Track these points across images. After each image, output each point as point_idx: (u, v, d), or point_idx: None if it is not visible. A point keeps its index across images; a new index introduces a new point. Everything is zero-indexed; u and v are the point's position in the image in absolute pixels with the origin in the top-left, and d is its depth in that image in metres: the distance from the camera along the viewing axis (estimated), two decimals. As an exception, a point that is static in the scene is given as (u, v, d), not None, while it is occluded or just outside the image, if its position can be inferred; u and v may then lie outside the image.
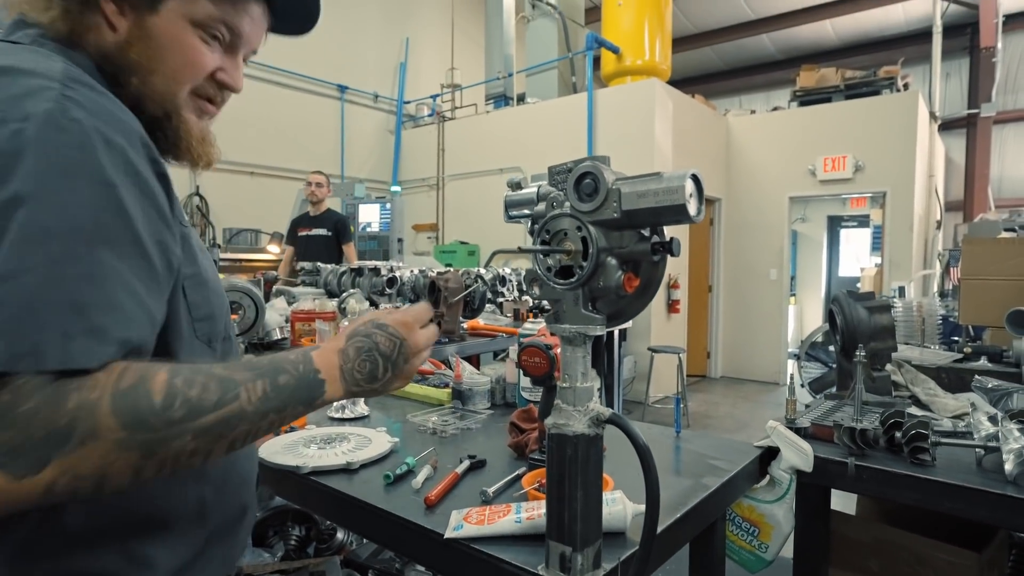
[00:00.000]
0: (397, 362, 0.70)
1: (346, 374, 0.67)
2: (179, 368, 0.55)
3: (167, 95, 0.69)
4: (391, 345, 0.70)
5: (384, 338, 0.70)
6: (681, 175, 0.61)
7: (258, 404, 0.58)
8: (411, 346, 0.72)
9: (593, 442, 0.70)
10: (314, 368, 0.64)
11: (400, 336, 0.71)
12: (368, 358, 0.68)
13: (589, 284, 0.69)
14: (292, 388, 0.61)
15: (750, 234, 7.72)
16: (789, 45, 10.75)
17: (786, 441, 1.19)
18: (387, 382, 0.70)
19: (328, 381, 0.65)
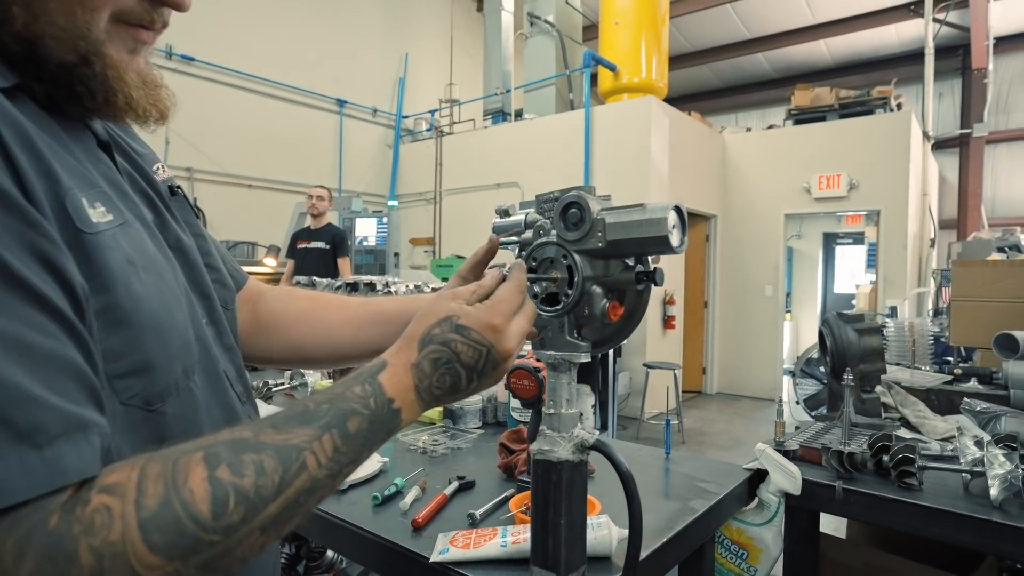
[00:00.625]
0: (484, 371, 0.58)
1: (423, 392, 0.55)
2: (214, 449, 0.42)
3: (75, 29, 0.48)
4: (475, 355, 0.57)
5: (466, 346, 0.57)
6: (664, 207, 0.62)
7: (330, 465, 0.47)
8: (500, 352, 0.58)
9: (577, 468, 0.70)
10: (387, 398, 0.53)
11: (486, 343, 0.57)
12: (448, 371, 0.56)
13: (575, 312, 0.70)
14: (366, 432, 0.50)
15: (746, 250, 7.76)
16: (784, 64, 10.89)
17: (774, 464, 1.19)
18: (470, 392, 0.59)
19: (404, 408, 0.54)
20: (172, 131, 6.11)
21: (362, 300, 0.88)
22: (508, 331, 0.59)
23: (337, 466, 0.48)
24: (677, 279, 6.95)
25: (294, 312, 0.86)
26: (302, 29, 7.59)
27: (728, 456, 5.36)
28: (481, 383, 0.59)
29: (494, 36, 8.20)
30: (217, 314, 0.67)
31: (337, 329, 0.85)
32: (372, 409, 0.52)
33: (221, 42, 6.65)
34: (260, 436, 0.44)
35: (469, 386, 0.58)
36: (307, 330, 0.85)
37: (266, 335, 0.85)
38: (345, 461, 0.49)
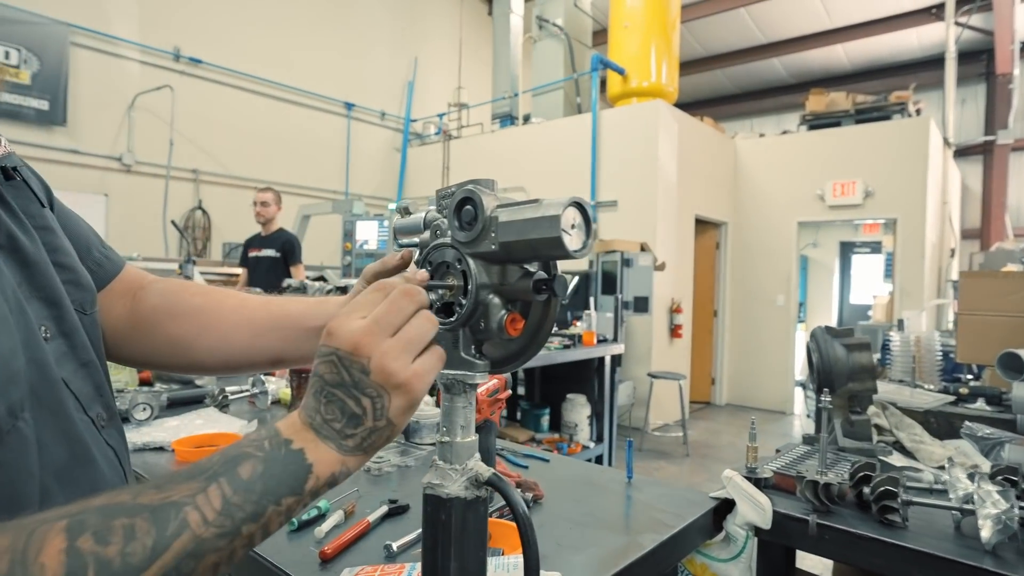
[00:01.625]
0: (359, 385, 0.47)
1: (322, 429, 0.47)
2: (81, 517, 0.36)
3: None
4: (330, 368, 0.48)
5: (321, 362, 0.49)
6: (559, 202, 0.52)
7: (220, 522, 0.40)
8: (354, 354, 0.47)
9: (472, 507, 0.60)
10: (283, 439, 0.46)
11: (330, 348, 0.48)
12: (327, 397, 0.48)
13: (470, 325, 0.60)
14: (262, 478, 0.43)
15: (757, 259, 7.59)
16: (801, 69, 10.70)
17: (742, 493, 1.08)
18: (377, 414, 0.48)
19: (308, 449, 0.46)
20: (177, 132, 6.13)
21: (264, 300, 0.76)
22: (359, 326, 0.49)
23: (230, 522, 0.40)
24: (685, 287, 6.80)
25: (182, 308, 0.74)
26: (312, 32, 7.59)
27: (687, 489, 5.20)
28: (376, 403, 0.48)
29: (503, 39, 8.15)
30: (69, 324, 0.57)
31: (232, 331, 0.73)
32: (267, 451, 0.45)
33: (229, 44, 6.67)
34: (139, 498, 0.39)
35: (363, 409, 0.48)
36: (195, 328, 0.73)
37: (146, 332, 0.73)
38: (241, 516, 0.41)
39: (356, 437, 0.48)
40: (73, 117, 5.54)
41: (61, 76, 5.41)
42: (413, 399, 0.49)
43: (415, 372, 0.49)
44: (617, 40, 6.95)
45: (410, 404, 0.49)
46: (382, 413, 0.48)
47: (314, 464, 0.46)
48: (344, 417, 0.48)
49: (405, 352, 0.49)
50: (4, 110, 5.13)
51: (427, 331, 0.52)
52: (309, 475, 0.46)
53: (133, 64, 5.97)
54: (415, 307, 0.52)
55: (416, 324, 0.51)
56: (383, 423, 0.48)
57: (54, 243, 0.60)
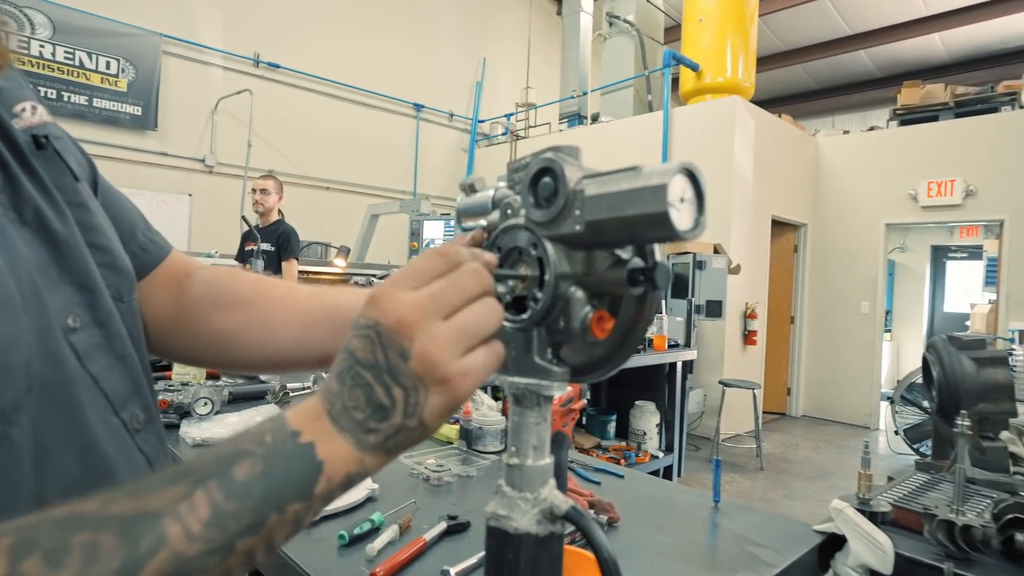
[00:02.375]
0: (393, 369, 0.38)
1: (339, 418, 0.39)
2: (31, 533, 0.30)
3: None
4: (365, 344, 0.39)
5: (357, 337, 0.40)
6: (667, 169, 0.41)
7: (207, 536, 0.32)
8: (397, 329, 0.38)
9: (545, 545, 0.50)
10: (290, 431, 0.38)
11: (371, 321, 0.39)
12: (354, 379, 0.39)
13: (546, 323, 0.49)
14: (262, 479, 0.35)
15: (839, 262, 7.10)
16: (890, 61, 9.98)
17: (856, 530, 0.92)
18: (408, 410, 0.38)
19: (319, 442, 0.38)
20: (255, 134, 6.37)
21: (314, 290, 0.67)
22: (409, 299, 0.39)
23: (222, 536, 0.33)
24: (760, 291, 6.45)
25: (228, 298, 0.66)
26: (383, 36, 7.73)
27: (813, 488, 4.85)
28: (410, 393, 0.38)
29: (572, 38, 8.02)
30: (104, 312, 0.51)
31: (280, 323, 0.65)
32: (268, 446, 0.37)
33: (305, 50, 6.88)
34: (109, 507, 0.32)
35: (393, 399, 0.38)
36: (241, 320, 0.65)
37: (189, 324, 0.66)
38: (236, 528, 0.33)
39: (380, 433, 0.39)
40: (163, 121, 5.85)
41: (153, 83, 5.74)
42: (454, 400, 0.40)
43: (463, 368, 0.39)
44: (691, 35, 6.69)
45: (450, 406, 0.40)
46: (414, 411, 0.39)
47: (326, 462, 0.38)
48: (369, 407, 0.39)
49: (457, 342, 0.39)
50: (104, 116, 5.48)
51: (488, 322, 0.42)
52: (319, 475, 0.37)
53: (217, 70, 6.25)
54: (480, 290, 0.42)
55: (477, 311, 0.41)
56: (414, 423, 0.39)
57: (89, 221, 0.53)
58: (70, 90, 5.28)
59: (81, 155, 0.60)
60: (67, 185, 0.53)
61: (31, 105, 0.53)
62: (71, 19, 5.24)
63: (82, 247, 0.50)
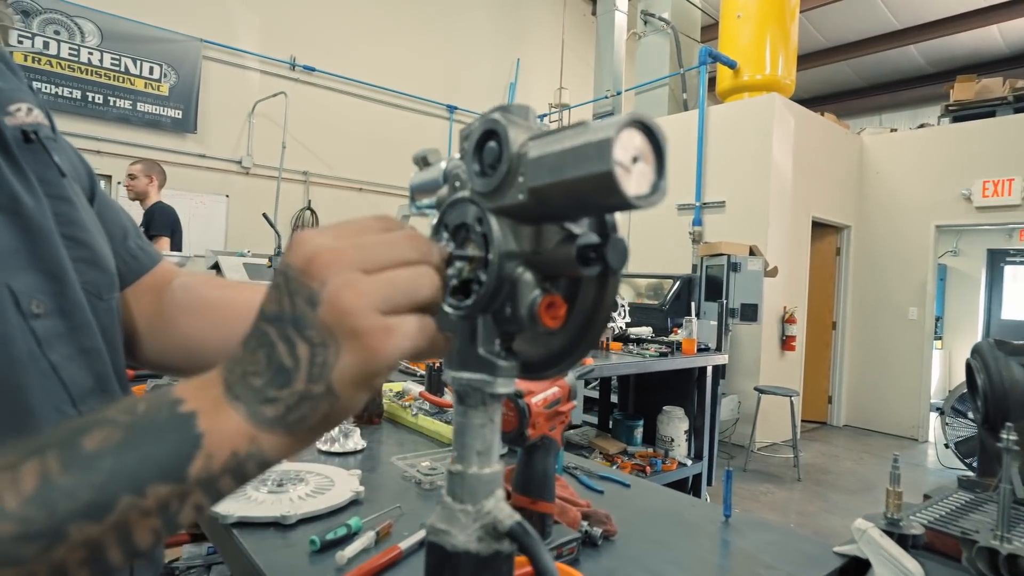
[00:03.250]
0: (301, 318, 0.32)
1: (237, 386, 0.33)
2: None
3: None
4: (274, 292, 0.33)
5: (268, 289, 0.34)
6: (613, 122, 0.34)
7: (26, 515, 0.27)
8: (307, 267, 0.32)
9: (488, 566, 0.43)
10: (172, 399, 0.32)
11: (283, 264, 0.34)
12: (258, 339, 0.33)
13: (491, 310, 0.43)
14: (118, 453, 0.29)
15: (885, 266, 6.79)
16: (943, 56, 9.51)
17: (881, 553, 0.82)
18: (314, 371, 0.32)
19: (202, 412, 0.32)
20: (289, 135, 6.48)
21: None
22: (325, 242, 0.33)
23: (46, 516, 0.26)
24: (800, 294, 6.21)
25: (197, 302, 0.65)
26: (417, 38, 7.78)
27: (854, 502, 4.61)
28: (322, 359, 0.31)
29: (606, 37, 7.91)
30: (71, 302, 0.50)
31: (243, 326, 0.63)
32: (137, 415, 0.31)
33: (339, 53, 6.97)
34: None
35: (300, 362, 0.32)
36: (205, 325, 0.64)
37: (162, 331, 0.65)
38: (69, 508, 0.27)
39: (279, 403, 0.32)
40: (202, 124, 6.01)
41: (194, 87, 5.90)
42: (370, 363, 0.32)
43: (385, 325, 0.32)
44: (729, 32, 6.51)
45: (364, 370, 0.32)
46: (321, 372, 0.32)
47: (206, 435, 0.31)
48: (270, 370, 0.32)
49: (379, 295, 0.32)
50: (147, 119, 5.66)
51: (422, 287, 0.36)
52: (196, 451, 0.31)
53: (254, 74, 6.39)
54: (415, 256, 0.36)
55: (408, 273, 0.35)
56: (320, 388, 0.32)
57: (70, 215, 0.54)
58: (116, 95, 5.47)
59: (79, 161, 0.62)
60: (51, 179, 0.53)
61: (27, 107, 0.54)
62: (118, 27, 5.43)
63: (54, 237, 0.50)
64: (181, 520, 0.31)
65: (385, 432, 1.47)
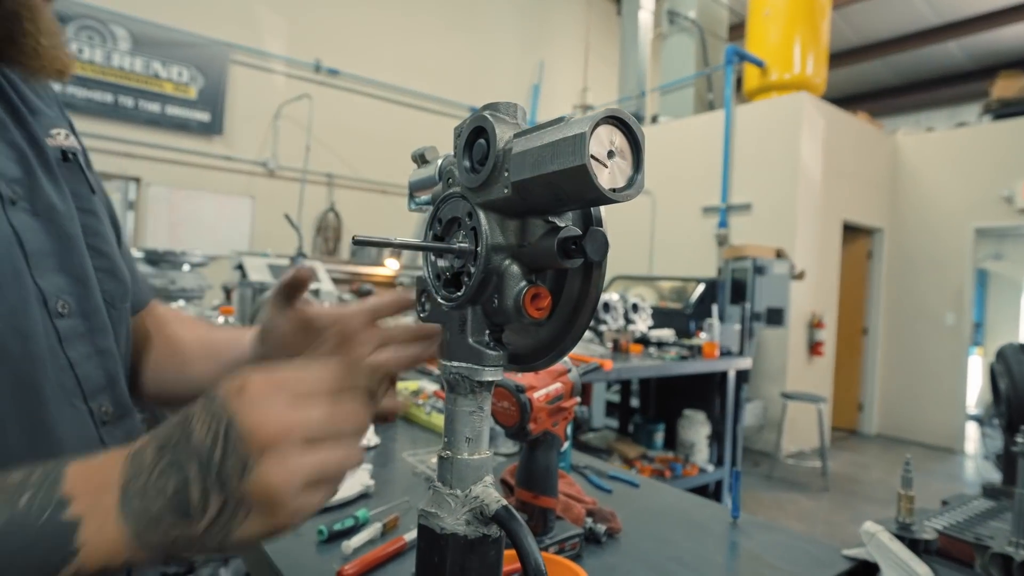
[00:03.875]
0: (227, 478, 0.33)
1: (133, 500, 0.33)
2: None
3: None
4: (212, 424, 0.34)
5: (204, 417, 0.35)
6: (589, 117, 0.35)
7: None
8: (251, 437, 0.33)
9: (475, 549, 0.45)
10: (59, 496, 0.32)
11: (229, 412, 0.34)
12: (173, 463, 0.34)
13: (480, 301, 0.44)
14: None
15: (920, 270, 6.60)
16: (985, 51, 9.20)
17: (890, 557, 0.81)
18: (217, 527, 0.33)
19: (87, 522, 0.32)
20: (314, 138, 6.58)
21: (205, 327, 0.74)
22: (290, 421, 0.34)
23: None
24: (829, 300, 6.07)
25: (158, 339, 0.72)
26: (440, 39, 7.84)
27: (885, 513, 4.47)
28: (229, 515, 0.33)
29: (631, 37, 7.86)
30: (92, 305, 0.54)
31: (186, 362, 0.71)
32: (17, 509, 0.31)
33: (363, 55, 7.07)
34: None
35: (207, 513, 0.33)
36: (156, 359, 0.71)
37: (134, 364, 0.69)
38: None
39: (170, 534, 0.33)
40: (228, 127, 6.15)
41: (220, 90, 6.04)
42: (271, 532, 0.34)
43: (297, 507, 0.34)
44: (756, 30, 6.41)
45: (265, 534, 0.34)
46: (223, 529, 0.33)
47: (83, 548, 0.31)
48: (172, 502, 0.33)
49: (307, 480, 0.34)
50: (175, 122, 5.81)
51: (345, 468, 0.37)
52: (68, 565, 0.31)
53: (279, 77, 6.51)
54: (352, 432, 0.38)
55: (340, 455, 0.36)
56: (213, 543, 0.34)
57: (96, 228, 0.59)
58: (145, 98, 5.63)
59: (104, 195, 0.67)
60: (83, 194, 0.59)
61: (66, 133, 0.59)
62: (148, 32, 5.60)
63: (82, 245, 0.55)
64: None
65: (399, 430, 1.49)
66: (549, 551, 0.78)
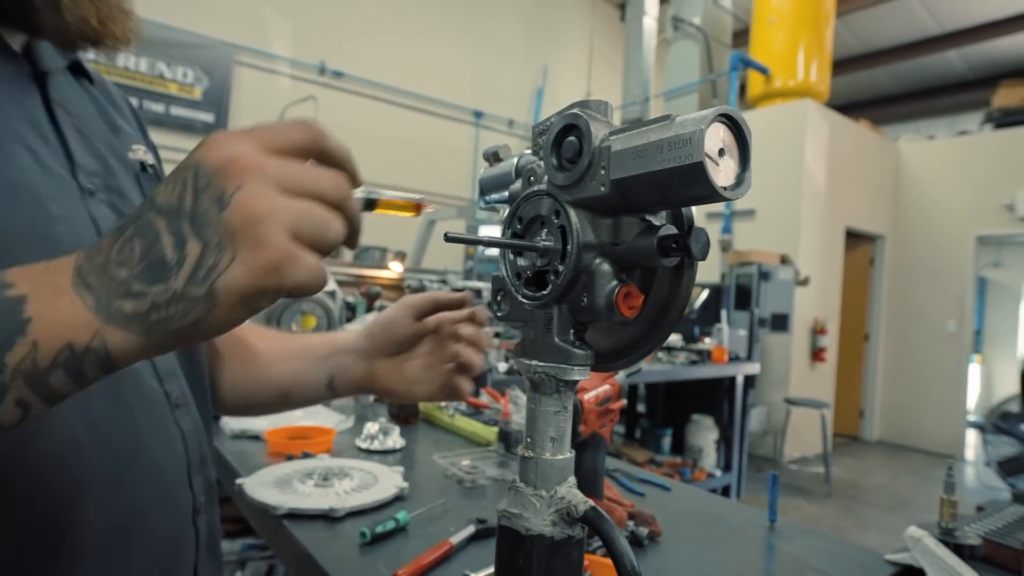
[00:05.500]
0: (202, 216, 0.30)
1: (91, 276, 0.31)
2: None
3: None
4: (173, 185, 0.31)
5: (165, 183, 0.32)
6: (701, 116, 0.35)
7: None
8: (224, 167, 0.31)
9: (560, 549, 0.44)
10: (7, 282, 0.30)
11: (192, 161, 0.32)
12: (137, 229, 0.31)
13: (567, 300, 0.44)
14: None
15: (921, 277, 6.62)
16: (986, 61, 9.26)
17: (936, 563, 0.80)
18: (199, 273, 0.30)
19: (34, 297, 0.30)
20: (321, 141, 6.59)
21: (283, 335, 0.79)
22: (249, 147, 0.31)
23: None
24: (832, 306, 6.08)
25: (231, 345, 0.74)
26: (445, 43, 7.86)
27: (888, 519, 4.50)
28: (212, 256, 0.30)
29: (635, 43, 7.89)
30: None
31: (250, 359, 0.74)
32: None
33: (368, 58, 7.08)
34: None
35: (185, 260, 0.30)
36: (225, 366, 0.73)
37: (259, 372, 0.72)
38: None
39: (144, 300, 0.30)
40: (233, 128, 6.14)
41: (225, 92, 6.04)
42: (265, 278, 0.30)
43: (289, 248, 0.30)
44: (761, 37, 6.45)
45: (256, 284, 0.30)
46: (207, 275, 0.29)
47: (35, 321, 0.29)
48: (143, 263, 0.30)
49: (291, 218, 0.31)
50: (179, 123, 5.81)
51: (330, 229, 0.33)
52: (17, 338, 0.28)
53: (284, 79, 6.52)
54: (336, 198, 0.34)
55: (322, 211, 0.33)
56: (199, 292, 0.30)
57: None
58: (150, 99, 5.63)
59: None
60: None
61: (144, 149, 0.63)
62: (154, 32, 5.58)
63: None
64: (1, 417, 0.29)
65: (421, 432, 1.48)
66: (596, 554, 0.78)
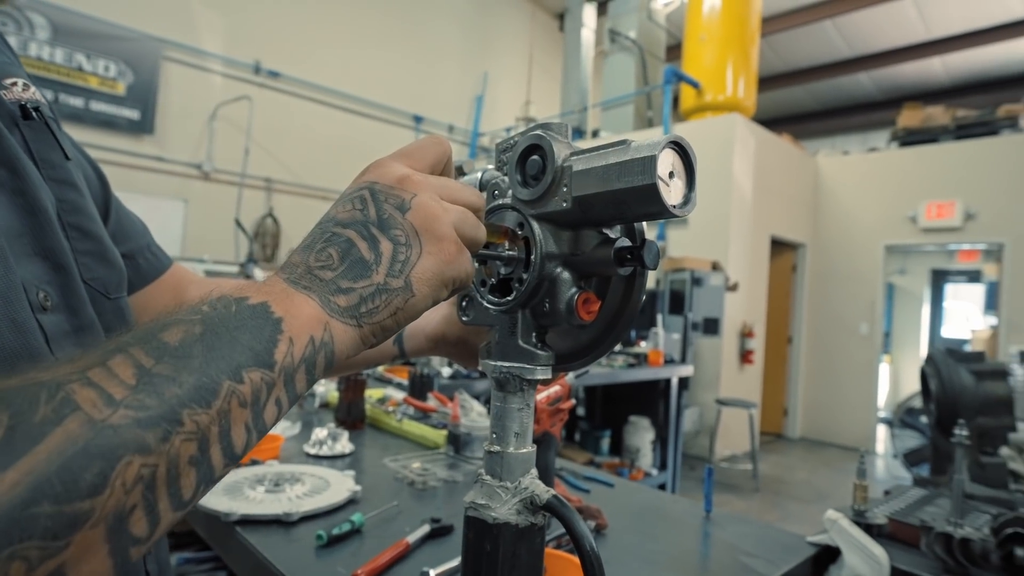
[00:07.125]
0: (388, 220, 0.35)
1: (302, 280, 0.33)
2: None
3: None
4: (353, 203, 0.36)
5: (341, 203, 0.37)
6: (655, 143, 0.40)
7: (140, 403, 0.24)
8: (398, 183, 0.37)
9: (525, 536, 0.48)
10: (236, 298, 0.31)
11: (366, 183, 0.37)
12: (327, 240, 0.35)
13: (532, 306, 0.48)
14: (206, 341, 0.28)
15: (838, 284, 7.10)
16: (891, 84, 10.07)
17: (851, 541, 0.89)
18: (395, 267, 0.34)
19: (273, 301, 0.31)
20: (253, 142, 6.38)
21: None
22: (415, 170, 0.39)
23: (158, 403, 0.24)
24: (758, 310, 6.43)
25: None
26: (385, 47, 7.79)
27: (809, 510, 4.79)
28: (404, 252, 0.35)
29: (573, 53, 8.10)
30: (76, 297, 0.46)
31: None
32: (205, 312, 0.30)
33: (306, 59, 6.92)
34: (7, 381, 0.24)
35: (382, 257, 0.34)
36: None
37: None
38: (177, 394, 0.25)
39: (352, 294, 0.33)
40: (160, 126, 5.86)
41: (151, 88, 5.75)
42: (448, 267, 0.37)
43: (459, 242, 0.38)
44: (692, 53, 6.75)
45: (443, 273, 0.37)
46: (403, 268, 0.35)
47: (285, 319, 0.31)
48: (344, 263, 0.34)
49: (455, 218, 0.38)
50: (101, 119, 5.48)
51: (479, 228, 0.41)
52: (279, 335, 0.30)
53: (216, 77, 6.28)
54: (479, 205, 0.42)
55: (472, 215, 0.41)
56: (399, 283, 0.35)
57: (76, 203, 0.50)
58: (67, 92, 5.29)
59: (87, 162, 0.59)
60: (54, 161, 0.50)
61: (24, 83, 0.50)
62: (71, 21, 5.26)
63: (55, 223, 0.46)
64: (266, 417, 0.30)
65: (369, 437, 1.48)
66: (549, 546, 0.81)
